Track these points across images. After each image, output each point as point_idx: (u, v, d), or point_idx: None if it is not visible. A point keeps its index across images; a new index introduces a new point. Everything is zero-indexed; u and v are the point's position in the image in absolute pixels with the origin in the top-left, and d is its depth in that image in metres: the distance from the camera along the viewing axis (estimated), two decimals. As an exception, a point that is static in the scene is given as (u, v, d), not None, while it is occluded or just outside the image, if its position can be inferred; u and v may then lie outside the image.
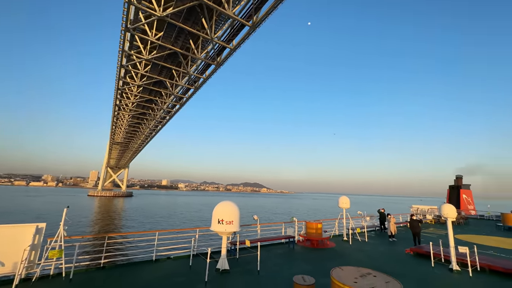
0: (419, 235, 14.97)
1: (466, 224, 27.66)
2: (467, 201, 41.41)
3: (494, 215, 35.49)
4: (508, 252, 14.41)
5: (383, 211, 20.40)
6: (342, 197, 15.57)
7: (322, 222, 14.52)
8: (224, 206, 7.88)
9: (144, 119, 54.77)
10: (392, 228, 16.64)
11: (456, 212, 13.54)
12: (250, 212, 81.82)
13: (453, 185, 41.29)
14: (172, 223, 48.65)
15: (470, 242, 16.61)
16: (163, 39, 25.96)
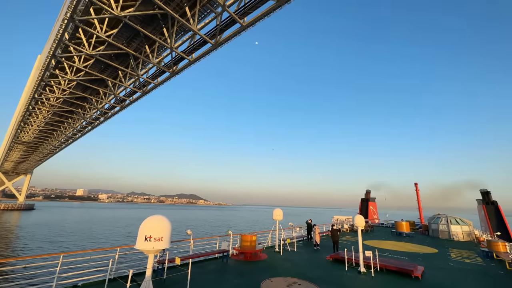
0: (337, 243, 16.86)
1: (372, 231, 31.62)
2: (373, 212, 46.95)
3: (390, 223, 40.72)
4: (399, 253, 17.58)
5: (310, 222, 21.92)
6: (276, 209, 16.18)
7: (257, 235, 14.77)
8: (153, 221, 6.89)
9: (69, 118, 46.72)
10: (317, 237, 17.92)
11: (365, 222, 17.41)
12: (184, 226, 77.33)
13: (364, 198, 47.24)
14: (83, 243, 41.00)
15: (374, 247, 19.30)
16: (115, 37, 24.15)
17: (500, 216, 32.97)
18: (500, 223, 32.61)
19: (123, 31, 23.78)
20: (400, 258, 15.64)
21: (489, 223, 33.38)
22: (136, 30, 22.77)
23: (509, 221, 33.90)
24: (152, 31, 23.66)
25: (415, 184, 44.96)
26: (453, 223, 27.83)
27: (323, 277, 10.81)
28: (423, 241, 24.68)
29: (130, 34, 24.25)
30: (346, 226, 31.95)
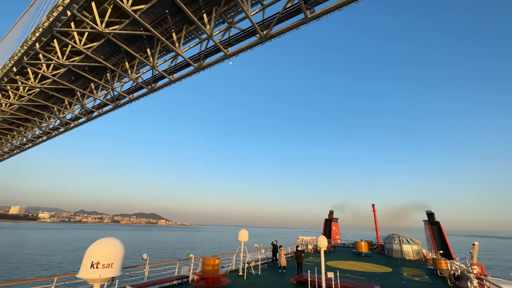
0: (301, 264, 16.71)
1: (334, 251, 32.15)
2: (336, 232, 46.96)
3: (351, 243, 41.20)
4: (358, 274, 18.35)
5: (276, 243, 21.52)
6: (242, 230, 15.58)
7: (220, 258, 14.23)
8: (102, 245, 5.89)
9: (21, 126, 41.87)
10: (283, 260, 17.52)
11: (328, 242, 18.18)
12: (141, 249, 70.37)
13: (327, 218, 47.35)
14: (12, 273, 34.85)
15: (336, 267, 19.63)
16: (95, 50, 23.64)
17: (442, 235, 35.27)
18: (443, 242, 34.70)
19: (104, 46, 23.50)
20: (359, 278, 16.45)
21: (434, 242, 35.42)
22: (118, 46, 22.73)
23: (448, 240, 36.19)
24: (136, 49, 23.84)
25: (373, 205, 46.24)
26: (404, 242, 29.52)
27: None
28: (380, 261, 25.83)
29: (112, 49, 24.01)
30: (310, 247, 32.14)
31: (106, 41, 22.56)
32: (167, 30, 21.70)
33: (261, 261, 19.56)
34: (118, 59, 25.45)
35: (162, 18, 20.25)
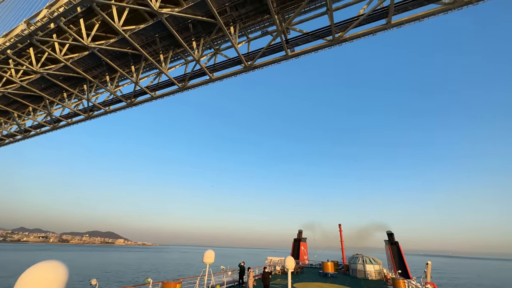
0: (268, 286, 16.50)
1: (302, 273, 31.77)
2: (304, 252, 46.05)
3: (318, 263, 40.74)
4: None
5: (243, 265, 20.68)
6: (208, 251, 14.86)
7: (182, 282, 13.50)
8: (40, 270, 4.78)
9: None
10: (250, 283, 16.79)
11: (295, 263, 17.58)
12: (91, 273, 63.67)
13: (296, 238, 46.13)
14: None
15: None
16: (76, 62, 23.10)
17: (401, 255, 36.24)
18: (401, 261, 35.71)
19: (87, 58, 23.14)
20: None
21: (393, 262, 36.47)
22: (102, 59, 22.56)
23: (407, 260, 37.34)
24: (120, 65, 23.83)
25: (339, 225, 46.56)
26: (367, 262, 30.07)
27: None
28: (345, 281, 26.35)
29: (95, 62, 23.69)
30: (278, 268, 31.59)
31: (90, 54, 22.33)
32: (155, 51, 22.36)
33: (226, 284, 18.94)
34: (99, 72, 25.08)
35: (152, 40, 20.97)
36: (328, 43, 19.52)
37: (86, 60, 23.39)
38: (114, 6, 17.56)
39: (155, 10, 17.00)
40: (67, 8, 17.19)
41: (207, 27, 19.79)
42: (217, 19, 17.65)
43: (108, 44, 20.65)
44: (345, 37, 18.94)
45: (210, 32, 20.48)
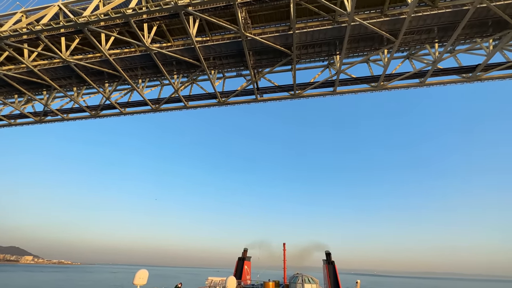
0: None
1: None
2: (247, 272, 45.19)
3: (260, 283, 40.92)
4: None
5: (180, 286, 19.62)
6: (140, 271, 13.72)
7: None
8: None
9: None
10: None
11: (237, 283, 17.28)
12: None
13: (240, 257, 45.42)
14: None
15: None
16: (44, 70, 22.29)
17: (336, 274, 37.99)
18: (335, 280, 36.19)
19: (60, 69, 22.59)
20: None
21: (328, 280, 36.79)
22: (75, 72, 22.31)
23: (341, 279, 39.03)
24: (94, 81, 23.84)
25: (283, 244, 47.38)
26: (306, 282, 31.39)
27: None
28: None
29: (67, 73, 23.16)
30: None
31: (65, 66, 22.00)
32: (136, 75, 23.49)
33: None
34: (68, 82, 24.44)
35: (135, 66, 22.25)
36: (291, 96, 24.19)
37: (58, 70, 22.81)
38: (103, 34, 18.77)
39: (146, 46, 18.87)
40: (53, 27, 17.58)
41: (191, 66, 22.29)
42: (202, 64, 20.48)
43: (89, 61, 21.07)
44: (304, 94, 23.89)
45: (193, 70, 23.02)
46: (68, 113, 28.97)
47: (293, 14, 16.46)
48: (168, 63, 21.92)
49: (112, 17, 16.71)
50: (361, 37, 18.66)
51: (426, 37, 18.31)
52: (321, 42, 19.20)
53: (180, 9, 16.19)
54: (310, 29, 18.05)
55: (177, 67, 22.56)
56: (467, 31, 17.60)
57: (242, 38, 18.02)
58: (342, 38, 18.07)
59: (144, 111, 27.42)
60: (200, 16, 16.74)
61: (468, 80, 21.14)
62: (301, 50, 19.82)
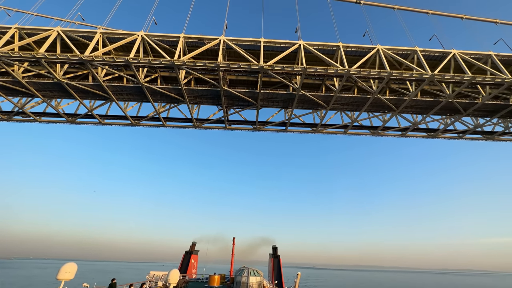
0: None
1: (187, 287, 31.25)
2: (193, 265, 44.80)
3: (205, 277, 40.72)
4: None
5: (115, 282, 18.37)
6: (67, 264, 12.39)
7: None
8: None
9: None
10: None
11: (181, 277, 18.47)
12: None
13: (188, 250, 44.87)
14: None
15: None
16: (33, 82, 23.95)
17: (280, 267, 39.09)
18: (279, 273, 38.34)
19: (49, 85, 24.51)
20: None
21: (273, 273, 39.53)
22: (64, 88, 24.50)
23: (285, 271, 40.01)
24: (81, 97, 26.19)
25: (233, 239, 47.09)
26: (251, 274, 31.52)
27: None
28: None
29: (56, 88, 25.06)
30: (160, 283, 30.08)
31: (55, 83, 24.15)
32: (123, 98, 26.85)
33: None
34: (53, 94, 26.25)
35: (124, 92, 25.72)
36: (253, 129, 30.73)
37: (46, 85, 24.64)
38: (103, 69, 22.17)
39: (141, 83, 22.94)
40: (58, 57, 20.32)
41: (175, 99, 26.85)
42: (185, 99, 25.40)
43: (82, 83, 23.80)
44: (263, 129, 30.69)
45: (176, 103, 27.59)
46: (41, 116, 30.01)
47: (259, 85, 23.01)
48: (155, 93, 26.04)
49: (117, 61, 20.49)
50: (305, 100, 26.26)
51: (346, 107, 26.97)
52: (278, 99, 26.23)
53: (176, 66, 21.01)
54: (271, 91, 24.83)
55: (162, 98, 26.82)
56: (370, 108, 26.78)
57: (221, 90, 23.71)
58: (293, 100, 25.36)
59: (124, 124, 30.52)
60: (190, 72, 21.83)
61: (374, 134, 30.90)
62: (263, 102, 26.50)
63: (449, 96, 23.63)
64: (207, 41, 22.56)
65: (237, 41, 22.71)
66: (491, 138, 30.84)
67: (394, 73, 21.10)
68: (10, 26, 22.17)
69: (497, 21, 27.43)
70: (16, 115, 29.18)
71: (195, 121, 29.64)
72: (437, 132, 30.22)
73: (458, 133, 30.58)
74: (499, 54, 23.53)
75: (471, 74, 21.80)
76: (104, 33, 22.35)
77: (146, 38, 22.16)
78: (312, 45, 22.88)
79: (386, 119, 28.46)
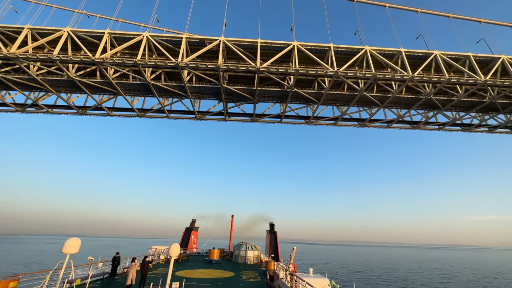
0: (146, 277, 15.75)
1: (188, 261, 31.84)
2: (193, 241, 46.65)
3: (205, 251, 42.45)
4: (205, 281, 18.63)
5: (118, 256, 19.04)
6: (70, 239, 12.66)
7: (21, 278, 11.94)
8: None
9: None
10: (131, 275, 15.32)
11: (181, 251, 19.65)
12: None
13: (188, 227, 46.27)
14: None
15: (184, 277, 18.91)
16: (46, 79, 25.91)
17: (276, 242, 40.75)
18: (275, 248, 39.75)
19: (62, 82, 26.49)
20: (204, 285, 17.05)
21: (270, 248, 40.44)
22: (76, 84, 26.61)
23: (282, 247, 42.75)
24: (92, 92, 28.31)
25: (232, 216, 49.27)
26: (249, 249, 33.86)
27: None
28: (226, 267, 27.56)
29: (69, 85, 27.13)
30: (162, 257, 31.00)
31: (68, 80, 26.16)
32: (130, 93, 28.96)
33: (92, 277, 16.66)
34: (65, 90, 28.29)
35: (132, 88, 27.80)
36: (250, 120, 33.23)
37: (59, 82, 26.63)
38: (111, 68, 24.10)
39: (147, 80, 25.03)
40: (71, 59, 22.24)
41: (179, 94, 29.01)
42: (188, 95, 27.62)
43: (93, 80, 25.84)
44: (260, 120, 33.20)
45: (180, 97, 29.76)
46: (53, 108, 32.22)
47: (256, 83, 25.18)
48: (160, 89, 28.17)
49: (126, 62, 22.47)
50: (299, 96, 28.57)
51: (336, 102, 29.38)
52: (274, 95, 28.50)
53: (180, 67, 23.07)
54: (267, 88, 27.04)
55: (166, 93, 28.98)
56: (357, 103, 29.23)
57: (221, 87, 25.92)
58: (287, 96, 27.68)
59: (131, 115, 32.88)
60: (192, 72, 23.91)
61: (362, 126, 33.62)
62: (260, 97, 28.78)
63: (428, 93, 26.03)
64: (208, 42, 24.31)
65: (235, 42, 24.45)
66: (469, 130, 33.70)
67: (378, 74, 23.35)
68: (22, 26, 23.64)
69: (481, 20, 28.89)
70: (30, 107, 31.37)
71: (197, 113, 32.06)
72: (419, 124, 32.96)
73: (439, 125, 33.34)
74: (476, 55, 25.55)
75: (449, 75, 24.10)
76: (111, 33, 23.93)
77: (151, 39, 23.85)
78: (305, 46, 24.72)
79: (372, 113, 31.01)
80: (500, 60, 25.37)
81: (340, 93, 27.41)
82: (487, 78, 23.79)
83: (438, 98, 27.62)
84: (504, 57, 25.46)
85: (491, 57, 25.89)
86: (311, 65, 25.61)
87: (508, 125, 32.29)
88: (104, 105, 30.93)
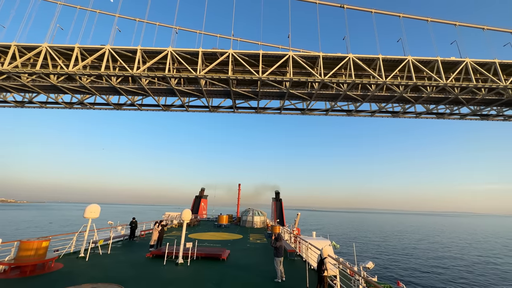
0: (162, 239, 16.86)
1: (198, 225, 33.84)
2: (203, 208, 49.88)
3: (215, 217, 45.35)
4: (215, 242, 19.85)
5: (135, 220, 20.91)
6: (91, 205, 13.45)
7: (51, 239, 12.36)
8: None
9: None
10: (154, 236, 16.46)
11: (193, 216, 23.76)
12: None
13: (198, 195, 49.47)
14: None
15: (196, 239, 19.94)
16: (95, 86, 32.84)
17: (282, 209, 43.37)
18: (281, 214, 42.51)
19: (105, 87, 33.40)
20: (214, 246, 17.54)
21: (275, 214, 43.79)
22: (114, 87, 33.60)
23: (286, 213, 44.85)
24: (127, 94, 35.23)
25: (239, 185, 52.12)
26: (256, 214, 36.34)
27: (135, 275, 10.30)
28: (235, 230, 28.87)
29: (109, 90, 34.04)
30: (175, 222, 32.91)
31: (111, 87, 33.06)
32: (157, 95, 35.68)
33: (113, 239, 17.77)
34: (107, 93, 35.31)
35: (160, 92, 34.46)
36: (255, 112, 39.86)
37: (104, 88, 33.55)
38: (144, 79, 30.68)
39: (173, 87, 31.62)
40: (116, 74, 28.83)
41: (197, 96, 35.56)
42: (204, 95, 34.24)
43: (129, 87, 32.63)
44: (263, 112, 39.78)
45: (197, 97, 36.31)
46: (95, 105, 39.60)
47: (259, 87, 31.44)
48: (181, 92, 34.75)
49: (157, 75, 28.97)
50: (294, 95, 34.67)
51: (325, 99, 35.48)
52: (274, 95, 34.74)
53: (199, 78, 29.41)
54: (268, 90, 33.22)
55: (187, 95, 35.60)
56: (343, 99, 35.25)
57: (231, 90, 32.34)
58: (285, 95, 33.89)
59: (157, 109, 40.03)
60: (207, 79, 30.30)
61: (349, 115, 39.85)
62: (262, 96, 35.09)
63: (401, 93, 31.78)
64: (219, 54, 30.11)
65: (241, 53, 30.14)
66: (442, 117, 39.53)
67: (357, 81, 29.20)
68: (73, 46, 29.86)
69: (456, 23, 32.73)
70: (77, 105, 38.87)
71: (210, 108, 38.89)
72: (399, 113, 38.94)
73: (416, 113, 39.20)
74: (444, 60, 30.45)
75: (416, 80, 29.56)
76: (142, 50, 29.95)
77: (174, 53, 29.84)
78: (299, 55, 30.23)
79: (357, 106, 37.10)
80: (464, 63, 30.33)
81: (328, 92, 33.39)
82: (447, 82, 29.26)
83: (410, 95, 33.29)
84: (468, 60, 30.34)
85: (457, 60, 30.73)
86: (304, 69, 31.27)
87: (477, 113, 38.00)
88: (136, 103, 38.08)
